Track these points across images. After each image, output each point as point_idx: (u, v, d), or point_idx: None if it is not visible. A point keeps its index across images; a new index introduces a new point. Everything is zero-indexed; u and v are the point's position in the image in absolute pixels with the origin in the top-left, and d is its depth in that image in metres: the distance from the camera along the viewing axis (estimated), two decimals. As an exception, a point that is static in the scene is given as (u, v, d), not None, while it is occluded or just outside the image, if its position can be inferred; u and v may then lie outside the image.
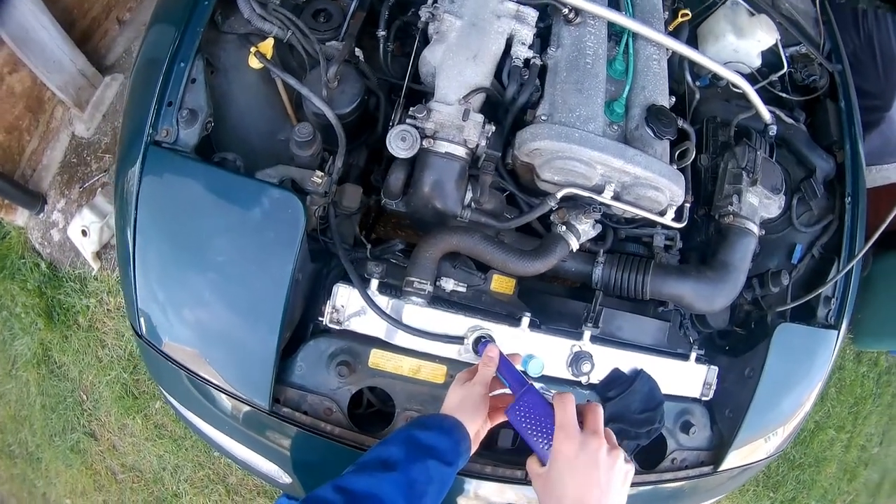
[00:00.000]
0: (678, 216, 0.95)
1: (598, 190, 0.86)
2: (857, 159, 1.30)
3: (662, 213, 0.93)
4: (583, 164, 0.82)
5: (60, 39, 1.58)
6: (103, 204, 1.56)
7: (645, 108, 0.92)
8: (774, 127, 1.17)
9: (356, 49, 0.92)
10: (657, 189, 0.87)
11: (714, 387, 1.05)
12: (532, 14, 0.91)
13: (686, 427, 1.03)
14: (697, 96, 1.22)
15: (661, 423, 0.98)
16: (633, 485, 1.03)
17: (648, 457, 1.04)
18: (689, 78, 1.20)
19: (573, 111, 0.84)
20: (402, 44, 1.04)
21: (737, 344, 1.17)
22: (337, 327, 0.80)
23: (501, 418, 0.69)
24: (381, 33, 0.94)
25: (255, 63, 0.90)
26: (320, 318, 0.81)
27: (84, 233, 1.54)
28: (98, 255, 1.59)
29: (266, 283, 0.76)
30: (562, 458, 0.58)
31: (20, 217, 1.71)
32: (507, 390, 0.68)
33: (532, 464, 0.62)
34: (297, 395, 0.80)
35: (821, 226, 1.24)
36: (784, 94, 1.30)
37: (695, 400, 1.06)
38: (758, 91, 1.21)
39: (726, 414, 1.09)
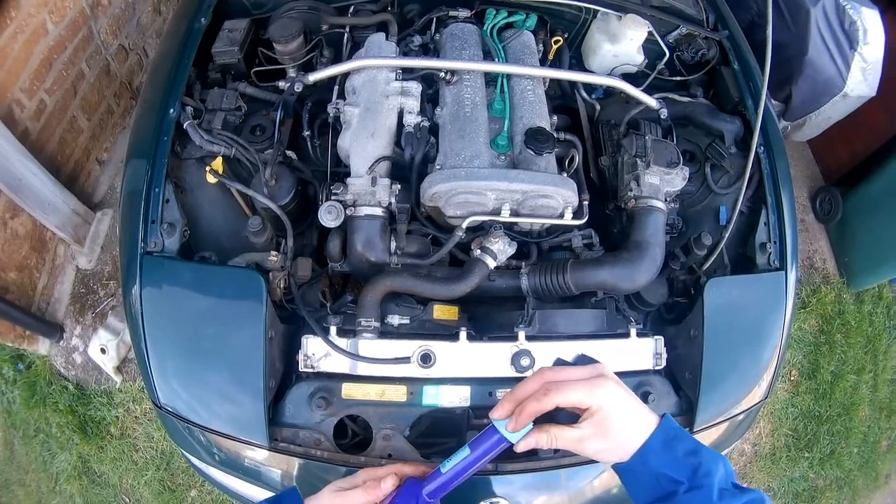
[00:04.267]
0: (577, 215, 1.24)
1: (497, 212, 1.17)
2: (763, 111, 1.50)
3: (561, 216, 1.22)
4: (474, 195, 1.13)
5: (50, 184, 2.04)
6: (116, 323, 1.97)
7: (525, 133, 1.24)
8: (665, 111, 1.44)
9: (288, 151, 1.29)
10: (547, 197, 1.17)
11: (665, 355, 1.26)
12: (415, 86, 1.26)
13: (645, 397, 1.23)
14: (598, 107, 1.53)
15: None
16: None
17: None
18: (583, 94, 1.53)
19: (459, 154, 1.17)
20: (328, 136, 1.40)
21: (684, 313, 1.36)
22: (312, 371, 1.12)
23: None
24: (306, 133, 1.32)
25: (211, 179, 1.28)
26: (299, 369, 1.14)
27: (103, 350, 1.93)
28: (119, 368, 1.98)
29: (246, 343, 1.09)
30: (609, 401, 0.69)
31: (42, 346, 2.13)
32: None
33: (561, 431, 0.71)
34: (291, 433, 1.11)
35: (742, 183, 1.47)
36: (675, 78, 1.61)
37: (653, 372, 1.27)
38: (650, 83, 1.53)
39: (686, 377, 1.29)
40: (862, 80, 2.33)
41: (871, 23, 2.27)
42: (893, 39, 2.34)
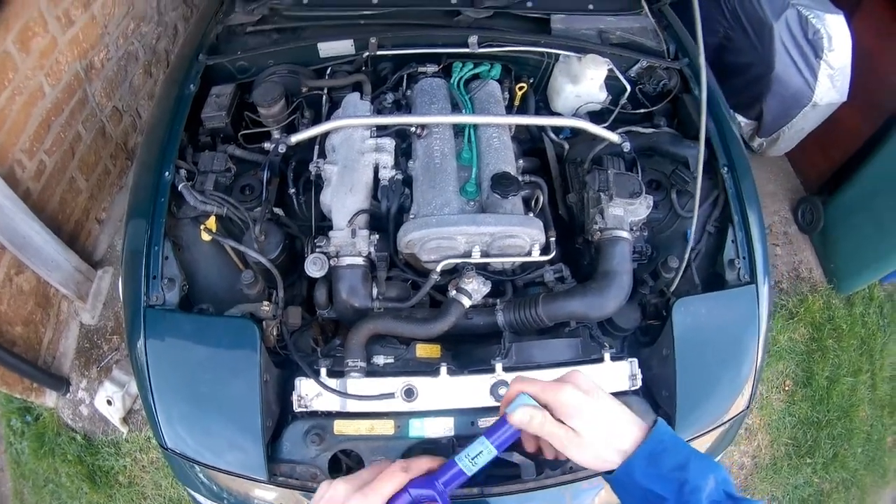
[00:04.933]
0: (545, 251, 1.39)
1: (468, 254, 1.32)
2: (725, 130, 1.67)
3: (529, 253, 1.37)
4: (445, 240, 1.29)
5: (53, 242, 2.21)
6: (120, 376, 2.13)
7: (491, 179, 1.40)
8: (627, 144, 1.57)
9: (276, 208, 1.45)
10: (514, 236, 1.32)
11: (640, 376, 1.36)
12: (389, 142, 1.43)
13: None
14: (566, 147, 1.68)
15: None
16: (595, 476, 1.39)
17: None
18: (551, 135, 1.69)
19: (430, 203, 1.33)
20: (311, 193, 1.54)
21: (658, 335, 1.46)
22: (305, 410, 1.25)
23: None
24: (292, 191, 1.49)
25: (206, 236, 1.44)
26: (293, 409, 1.28)
27: (109, 402, 2.08)
28: (125, 419, 2.13)
29: (244, 386, 1.23)
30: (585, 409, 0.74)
31: (49, 399, 2.27)
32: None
33: (553, 421, 0.75)
34: (289, 468, 1.24)
35: (708, 203, 1.60)
36: (640, 111, 1.77)
37: (630, 393, 1.37)
38: (616, 117, 1.69)
39: (664, 395, 1.41)
40: (831, 87, 2.47)
41: (835, 29, 2.39)
42: (861, 41, 2.44)
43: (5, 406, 2.36)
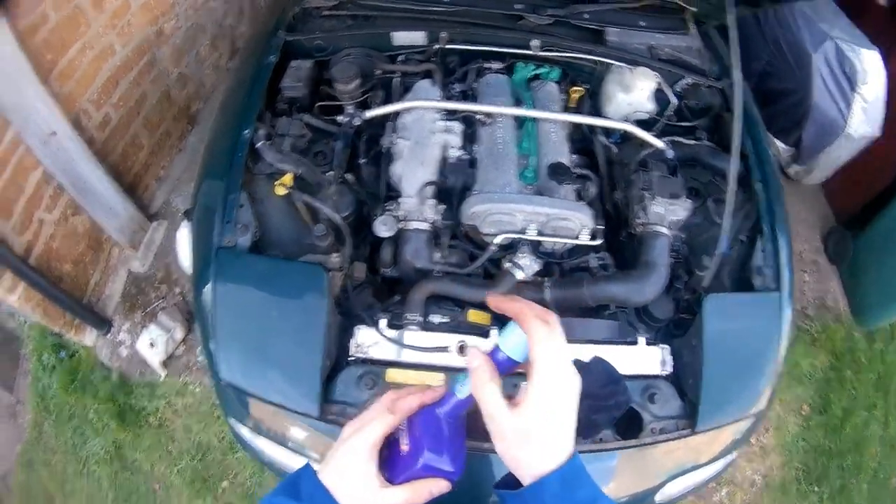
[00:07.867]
0: (593, 237, 1.59)
1: (524, 231, 1.53)
2: (760, 148, 1.87)
3: (578, 237, 1.58)
4: (506, 215, 1.49)
5: (112, 189, 2.42)
6: (166, 321, 2.34)
7: (548, 168, 1.62)
8: (671, 151, 1.81)
9: (348, 174, 1.67)
10: (566, 219, 1.53)
11: (670, 362, 1.54)
12: (457, 125, 1.66)
13: (652, 397, 1.50)
14: (615, 150, 1.90)
15: (626, 394, 1.50)
16: (620, 449, 1.56)
17: (630, 431, 1.59)
18: (601, 138, 1.91)
19: (493, 182, 1.55)
20: (378, 165, 1.76)
21: (689, 328, 1.63)
22: (362, 356, 1.45)
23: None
24: (362, 161, 1.71)
25: (281, 191, 1.64)
26: (350, 355, 1.48)
27: (151, 344, 2.29)
28: (165, 363, 2.34)
29: (309, 326, 1.41)
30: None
31: (88, 337, 2.48)
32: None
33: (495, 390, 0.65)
34: (340, 408, 1.42)
35: (741, 214, 1.79)
36: (683, 123, 1.98)
37: (661, 378, 1.53)
38: (661, 128, 1.91)
39: (690, 383, 1.56)
40: (864, 120, 2.66)
41: (870, 64, 2.59)
42: (896, 79, 2.62)
43: (38, 341, 2.54)
